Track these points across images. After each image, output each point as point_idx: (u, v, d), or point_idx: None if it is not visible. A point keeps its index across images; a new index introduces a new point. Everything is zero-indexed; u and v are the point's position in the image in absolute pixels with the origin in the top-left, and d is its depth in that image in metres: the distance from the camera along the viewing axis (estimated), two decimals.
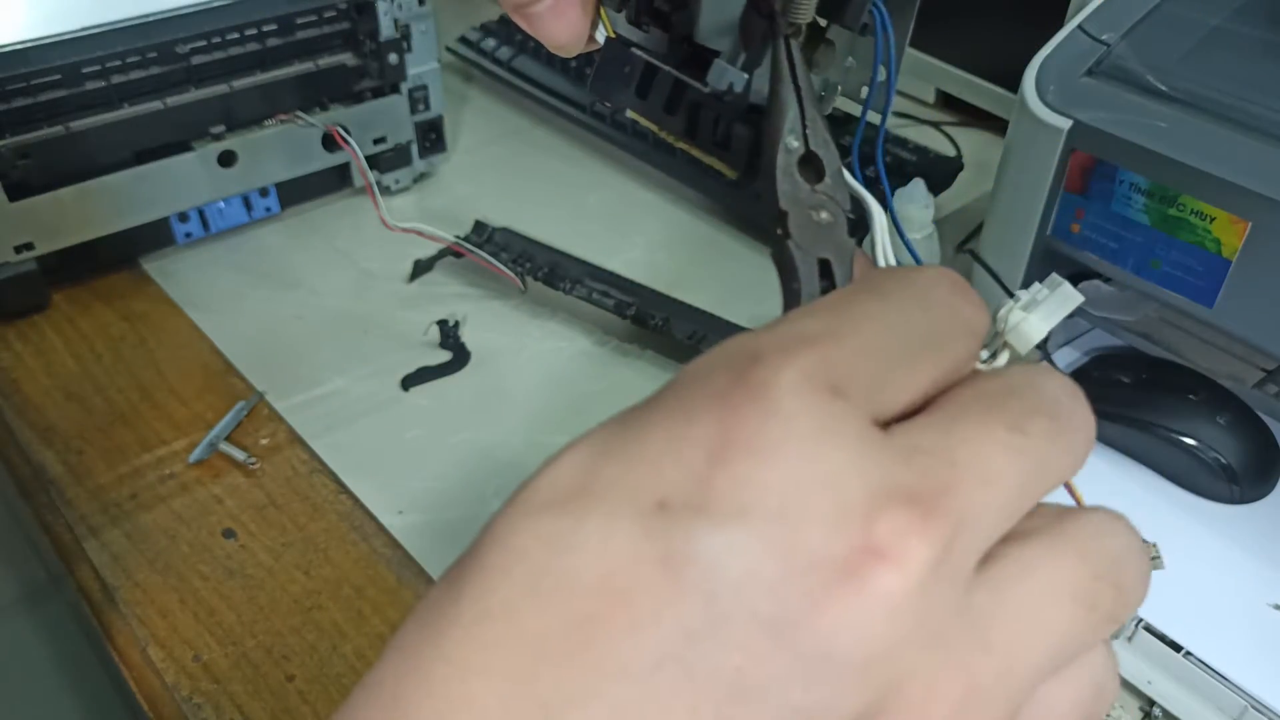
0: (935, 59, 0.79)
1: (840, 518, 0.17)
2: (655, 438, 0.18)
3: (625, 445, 0.19)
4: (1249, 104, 0.49)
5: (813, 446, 0.17)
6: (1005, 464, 0.18)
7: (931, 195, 0.57)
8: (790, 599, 0.17)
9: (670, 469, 0.18)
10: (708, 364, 0.19)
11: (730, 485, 0.17)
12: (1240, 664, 0.45)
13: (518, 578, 0.18)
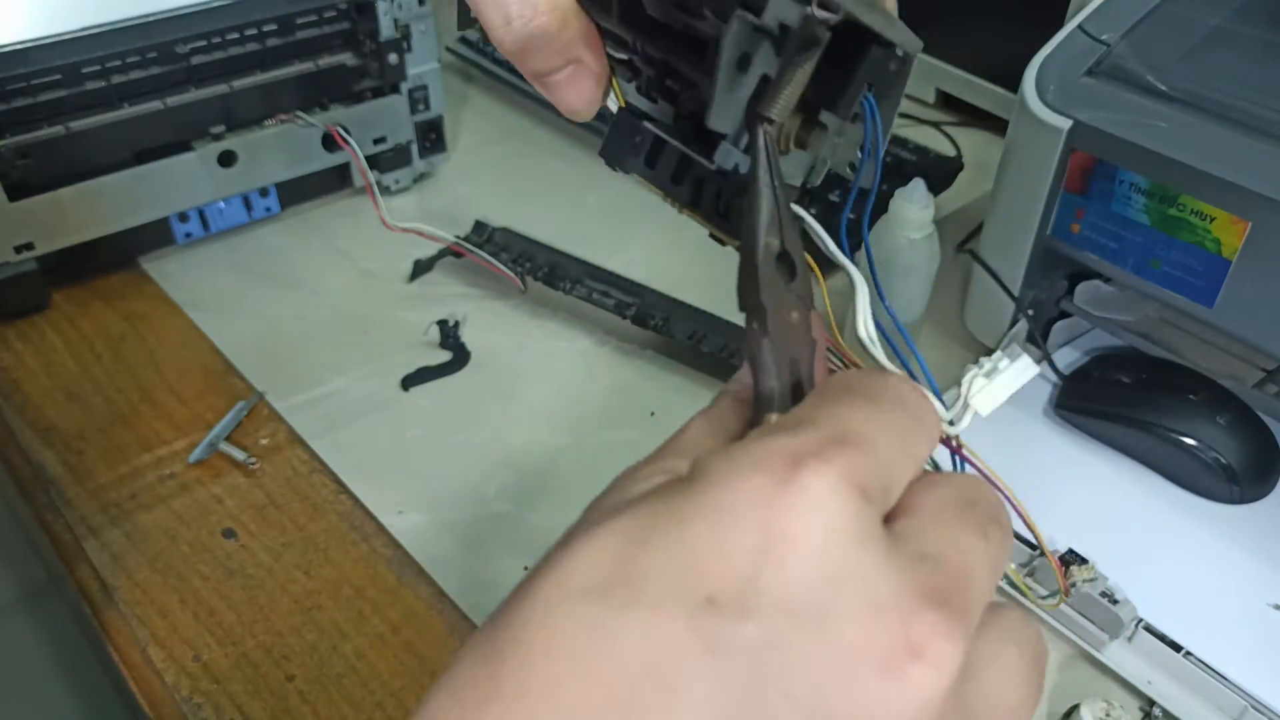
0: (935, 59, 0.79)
1: (877, 618, 0.19)
2: (698, 535, 0.19)
3: (665, 539, 0.20)
4: (1249, 104, 0.49)
5: (852, 550, 0.19)
6: (984, 569, 0.21)
7: (931, 195, 0.57)
8: (832, 689, 0.18)
9: (717, 565, 0.19)
10: (741, 465, 0.20)
11: (776, 583, 0.19)
12: (1240, 664, 0.45)
13: (559, 658, 0.19)
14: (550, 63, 0.25)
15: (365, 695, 0.46)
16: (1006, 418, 0.58)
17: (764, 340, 0.23)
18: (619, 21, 0.25)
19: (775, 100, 0.23)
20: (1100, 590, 0.47)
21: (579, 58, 0.25)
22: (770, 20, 0.22)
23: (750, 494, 0.19)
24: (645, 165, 0.27)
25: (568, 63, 0.25)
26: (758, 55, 0.23)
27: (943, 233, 0.60)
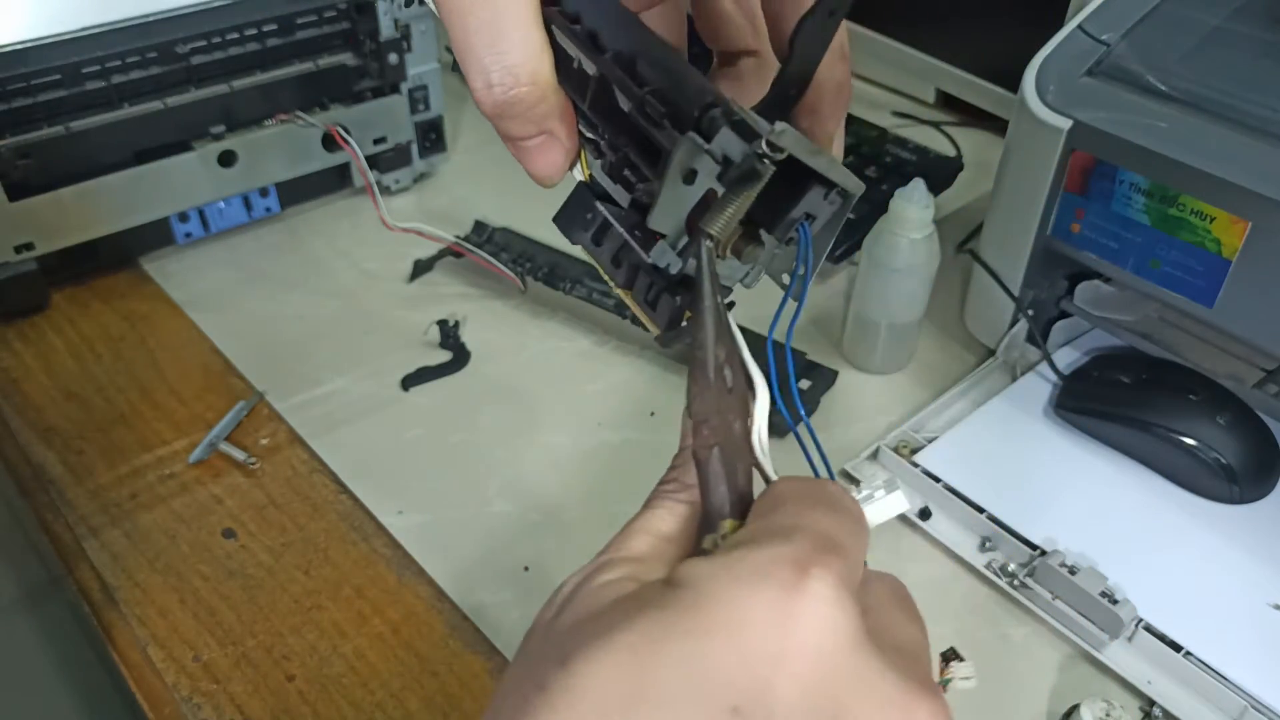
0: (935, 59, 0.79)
1: (887, 711, 0.21)
2: (716, 647, 0.20)
3: (680, 651, 0.20)
4: (1249, 104, 0.49)
5: (856, 650, 0.21)
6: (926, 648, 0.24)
7: (931, 195, 0.57)
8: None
9: (739, 675, 0.20)
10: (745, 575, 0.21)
11: (795, 688, 0.20)
12: (1240, 664, 0.45)
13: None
14: (524, 130, 0.26)
15: (365, 695, 0.46)
16: (1007, 418, 0.58)
17: (715, 448, 0.24)
18: (589, 108, 0.27)
19: (716, 220, 0.25)
20: (1100, 590, 0.47)
21: (551, 130, 0.27)
22: (716, 150, 0.23)
23: (764, 604, 0.20)
24: (591, 241, 0.29)
25: (540, 132, 0.27)
26: (703, 173, 0.24)
27: (943, 233, 0.60)
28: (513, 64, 0.25)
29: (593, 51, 0.26)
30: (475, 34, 0.25)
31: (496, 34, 0.25)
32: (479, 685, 0.46)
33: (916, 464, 0.55)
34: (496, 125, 0.27)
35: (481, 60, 0.25)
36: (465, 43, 0.25)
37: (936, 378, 0.63)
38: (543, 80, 0.25)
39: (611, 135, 0.27)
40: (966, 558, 0.51)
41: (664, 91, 0.25)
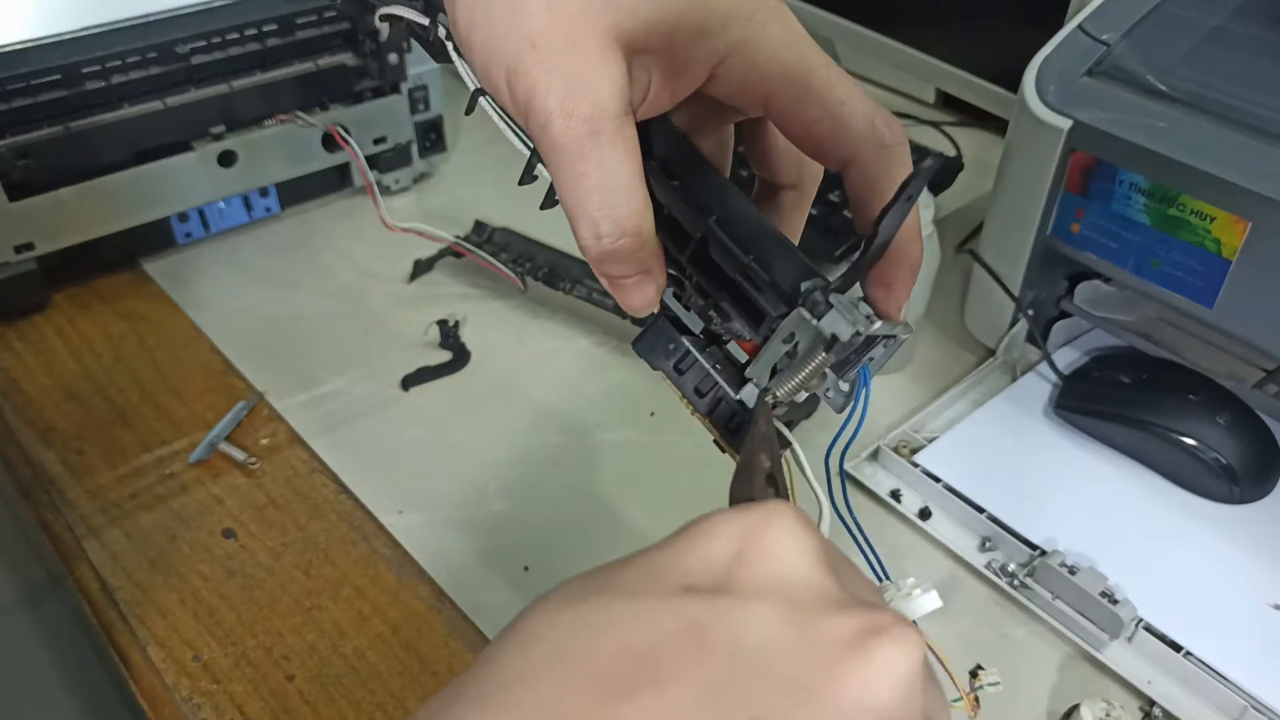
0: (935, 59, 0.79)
1: (844, 608, 0.21)
2: (678, 549, 0.23)
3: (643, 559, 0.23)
4: (1249, 104, 0.49)
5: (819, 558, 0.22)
6: None
7: (932, 195, 0.57)
8: (808, 664, 0.20)
9: (695, 565, 0.22)
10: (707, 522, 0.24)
11: (751, 576, 0.21)
12: (1240, 664, 0.45)
13: (535, 653, 0.21)
14: (624, 271, 0.29)
15: (365, 695, 0.46)
16: (1007, 418, 0.58)
17: None
18: (689, 261, 0.30)
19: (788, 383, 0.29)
20: (1100, 590, 0.47)
21: (649, 270, 0.29)
22: (825, 329, 0.27)
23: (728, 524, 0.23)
24: (674, 370, 0.32)
25: (639, 273, 0.29)
26: (803, 341, 0.28)
27: (943, 233, 0.60)
28: (621, 218, 0.27)
29: (696, 214, 0.29)
30: (587, 192, 0.27)
31: (608, 192, 0.27)
32: None
33: (916, 464, 0.55)
34: (597, 267, 0.29)
35: (592, 215, 0.27)
36: (577, 199, 0.27)
37: (936, 378, 0.63)
38: (646, 232, 0.27)
39: (704, 282, 0.30)
40: (966, 558, 0.51)
41: (764, 258, 0.28)
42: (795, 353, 0.28)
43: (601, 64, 0.26)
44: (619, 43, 0.26)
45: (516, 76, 0.27)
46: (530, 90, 0.26)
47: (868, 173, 0.29)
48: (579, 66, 0.26)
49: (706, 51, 0.27)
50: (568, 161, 0.27)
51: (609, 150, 0.26)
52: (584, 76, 0.26)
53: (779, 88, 0.28)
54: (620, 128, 0.27)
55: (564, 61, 0.26)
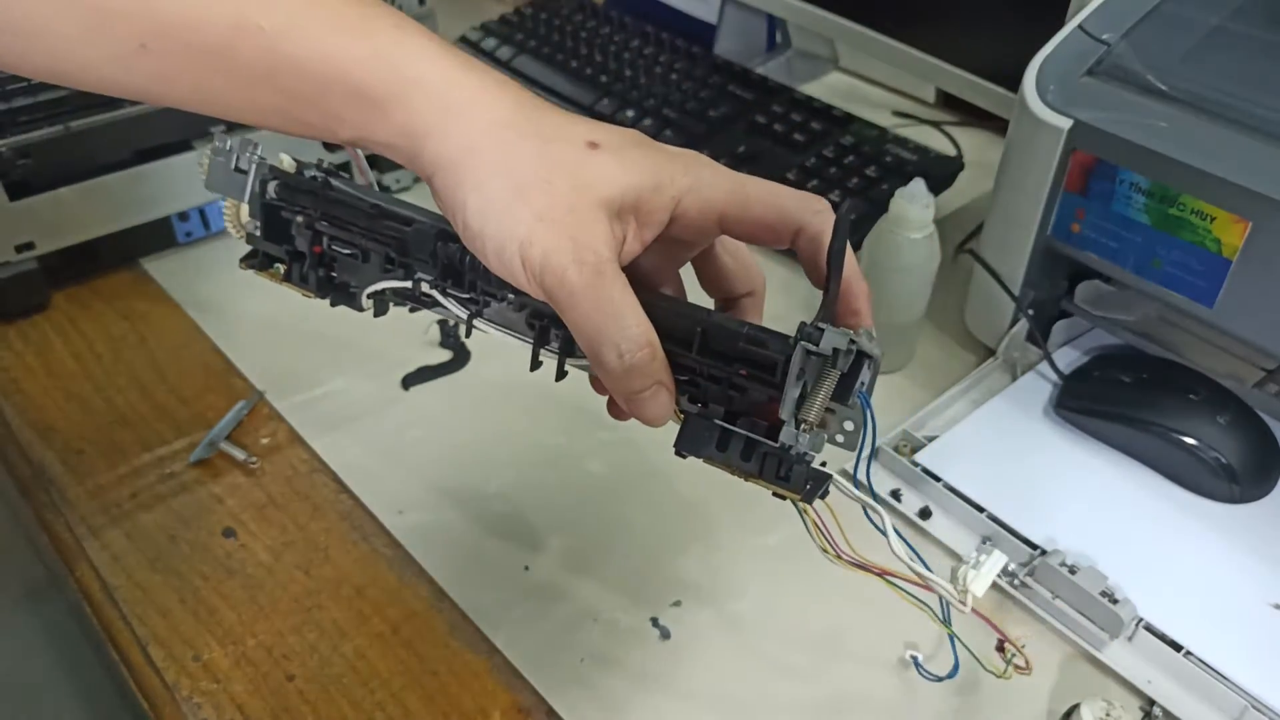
0: (935, 59, 0.79)
1: None
2: None
3: None
4: (1249, 104, 0.49)
5: None
6: None
7: (931, 195, 0.57)
8: None
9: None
10: None
11: None
12: (1240, 663, 0.45)
13: None
14: (643, 384, 0.35)
15: (366, 694, 0.46)
16: (1007, 417, 0.58)
17: None
18: (697, 354, 0.36)
19: (813, 406, 0.34)
20: (1100, 589, 0.47)
21: (662, 380, 0.35)
22: (825, 348, 0.33)
23: None
24: (716, 450, 0.37)
25: (655, 384, 0.35)
26: (809, 370, 0.34)
27: (943, 232, 0.60)
28: (634, 335, 0.34)
29: (689, 319, 0.36)
30: (605, 320, 0.34)
31: (620, 317, 0.34)
32: (479, 685, 0.46)
33: (916, 463, 0.55)
34: (621, 385, 0.35)
35: (612, 338, 0.34)
36: (597, 327, 0.34)
37: (937, 377, 0.63)
38: (655, 344, 0.34)
39: (711, 369, 0.36)
40: (966, 558, 0.51)
41: (753, 330, 0.35)
42: (809, 383, 0.34)
43: (595, 224, 0.34)
44: (604, 207, 0.34)
45: (531, 246, 0.33)
46: (545, 253, 0.33)
47: (812, 234, 0.37)
48: (579, 228, 0.34)
49: (665, 202, 0.36)
50: (585, 300, 0.33)
51: (613, 285, 0.34)
52: (584, 235, 0.34)
53: (726, 207, 0.37)
54: (616, 269, 0.34)
55: (567, 227, 0.33)
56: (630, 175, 0.35)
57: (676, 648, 0.48)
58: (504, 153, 0.35)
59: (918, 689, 0.46)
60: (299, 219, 0.43)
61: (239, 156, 0.44)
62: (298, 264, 0.44)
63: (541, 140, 0.35)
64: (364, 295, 0.43)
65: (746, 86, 0.84)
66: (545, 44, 0.91)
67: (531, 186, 0.34)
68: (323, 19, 0.35)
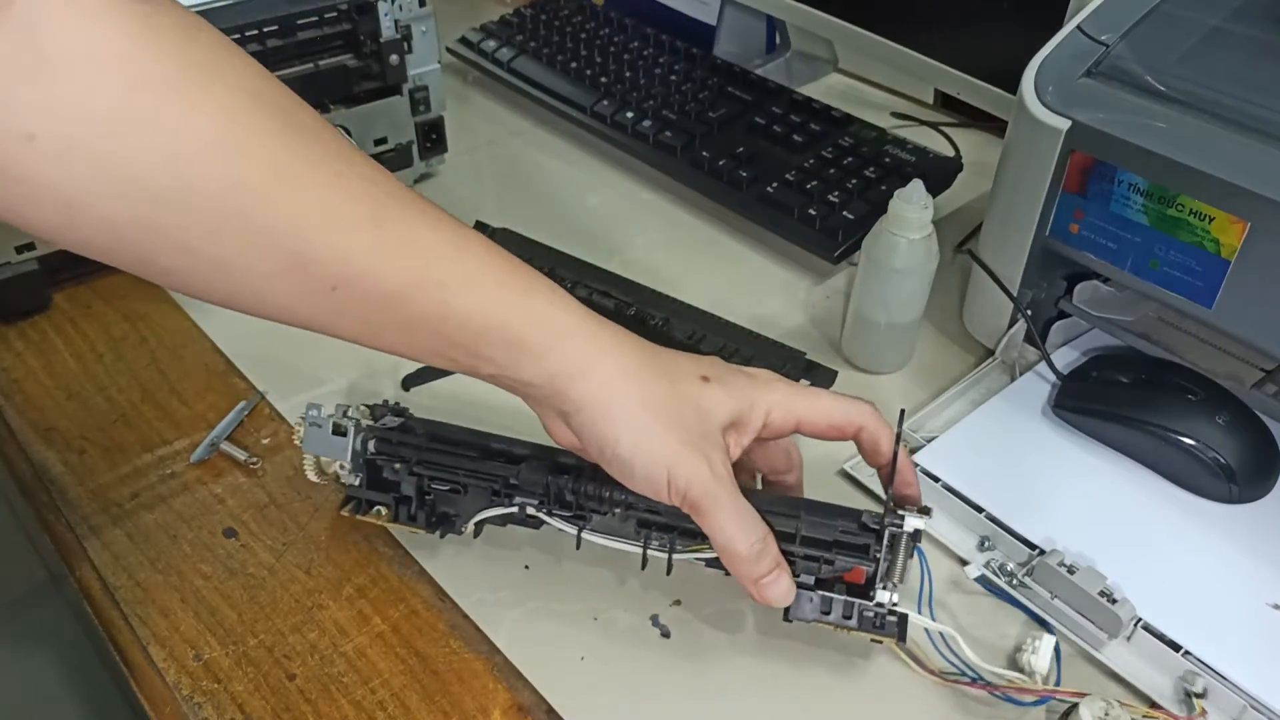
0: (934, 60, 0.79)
1: None
2: None
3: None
4: (1248, 104, 0.49)
5: None
6: None
7: (930, 195, 0.57)
8: None
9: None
10: None
11: None
12: (1239, 663, 0.45)
13: None
14: (768, 566, 0.43)
15: (366, 694, 0.46)
16: (1006, 418, 0.59)
17: None
18: (800, 544, 0.45)
19: (895, 570, 0.45)
20: (1099, 589, 0.47)
21: (780, 563, 0.44)
22: (908, 529, 0.44)
23: None
24: (820, 613, 0.46)
25: (776, 566, 0.43)
26: (894, 544, 0.44)
27: (941, 233, 0.60)
28: (755, 526, 0.43)
29: (788, 516, 0.46)
30: (738, 520, 0.42)
31: (745, 516, 0.43)
32: (480, 684, 0.46)
33: (915, 464, 0.55)
34: (752, 572, 0.43)
35: (745, 532, 0.42)
36: (734, 530, 0.42)
37: (935, 377, 0.63)
38: (769, 534, 0.44)
39: (810, 550, 0.46)
40: (966, 557, 0.51)
41: (836, 522, 0.46)
42: (891, 554, 0.44)
43: (719, 445, 0.43)
44: (720, 429, 0.43)
45: (678, 467, 0.41)
46: (690, 473, 0.41)
47: (870, 432, 0.47)
48: (710, 450, 0.42)
49: (760, 416, 0.45)
50: (724, 508, 0.42)
51: (734, 493, 0.43)
52: (714, 455, 0.42)
53: (804, 415, 0.46)
54: (734, 480, 0.43)
55: (702, 450, 0.42)
56: (734, 400, 0.44)
57: (676, 648, 0.48)
58: (644, 393, 0.42)
59: (918, 688, 0.46)
60: (399, 465, 0.49)
61: (333, 421, 0.49)
62: (404, 506, 0.50)
63: (670, 380, 0.43)
64: (471, 524, 0.49)
65: (746, 88, 0.84)
66: (545, 45, 0.91)
67: (670, 419, 0.42)
68: (492, 279, 0.42)
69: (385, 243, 0.40)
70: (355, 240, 0.39)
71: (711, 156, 0.76)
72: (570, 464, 0.48)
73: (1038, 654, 0.46)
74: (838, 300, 0.70)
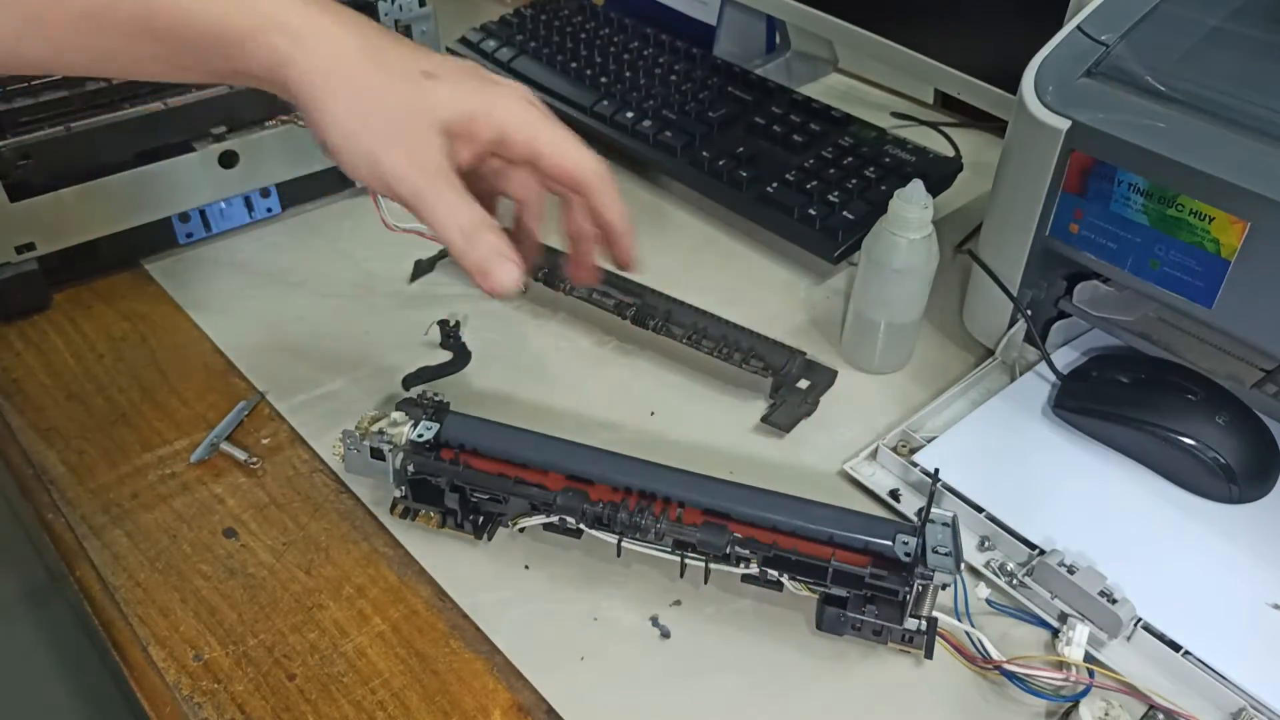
0: (934, 60, 0.79)
1: None
2: None
3: None
4: (1248, 104, 0.49)
5: None
6: None
7: (930, 195, 0.58)
8: None
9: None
10: None
11: None
12: (1239, 663, 0.45)
13: None
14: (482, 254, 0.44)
15: (366, 694, 0.46)
16: (1006, 418, 0.59)
17: None
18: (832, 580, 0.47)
19: (927, 604, 0.46)
20: (1099, 589, 0.47)
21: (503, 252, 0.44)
22: (938, 581, 0.45)
23: None
24: (853, 630, 0.47)
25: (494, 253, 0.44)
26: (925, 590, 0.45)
27: (941, 233, 0.60)
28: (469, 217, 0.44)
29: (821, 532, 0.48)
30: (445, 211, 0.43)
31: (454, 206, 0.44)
32: (480, 684, 0.46)
33: (915, 464, 0.55)
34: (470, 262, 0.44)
35: (455, 222, 0.43)
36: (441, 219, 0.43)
37: (935, 377, 0.63)
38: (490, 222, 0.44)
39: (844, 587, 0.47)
40: (965, 557, 0.51)
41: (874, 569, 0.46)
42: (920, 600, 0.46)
43: (429, 142, 0.43)
44: (436, 128, 0.43)
45: (379, 164, 0.42)
46: (392, 167, 0.42)
47: (597, 196, 0.48)
48: (416, 146, 0.43)
49: (494, 123, 0.45)
50: (427, 199, 0.42)
51: (448, 186, 0.43)
52: (421, 151, 0.43)
53: (544, 145, 0.46)
54: (450, 174, 0.43)
55: (406, 145, 0.42)
56: (460, 102, 0.44)
57: (676, 648, 0.48)
58: (354, 85, 0.42)
59: (919, 687, 0.46)
60: (441, 480, 0.50)
61: (371, 447, 0.51)
62: (451, 516, 0.52)
63: (384, 73, 0.43)
64: (515, 527, 0.51)
65: (746, 88, 0.84)
66: (545, 45, 0.91)
67: (376, 114, 0.42)
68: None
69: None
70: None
71: (711, 156, 0.76)
72: None
73: (1072, 644, 0.46)
74: (838, 300, 0.70)
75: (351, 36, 0.43)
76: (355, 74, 0.42)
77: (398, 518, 0.53)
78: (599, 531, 0.49)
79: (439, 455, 0.51)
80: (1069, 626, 0.47)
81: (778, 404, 0.60)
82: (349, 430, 0.51)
